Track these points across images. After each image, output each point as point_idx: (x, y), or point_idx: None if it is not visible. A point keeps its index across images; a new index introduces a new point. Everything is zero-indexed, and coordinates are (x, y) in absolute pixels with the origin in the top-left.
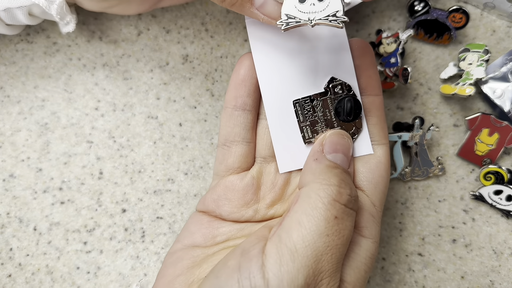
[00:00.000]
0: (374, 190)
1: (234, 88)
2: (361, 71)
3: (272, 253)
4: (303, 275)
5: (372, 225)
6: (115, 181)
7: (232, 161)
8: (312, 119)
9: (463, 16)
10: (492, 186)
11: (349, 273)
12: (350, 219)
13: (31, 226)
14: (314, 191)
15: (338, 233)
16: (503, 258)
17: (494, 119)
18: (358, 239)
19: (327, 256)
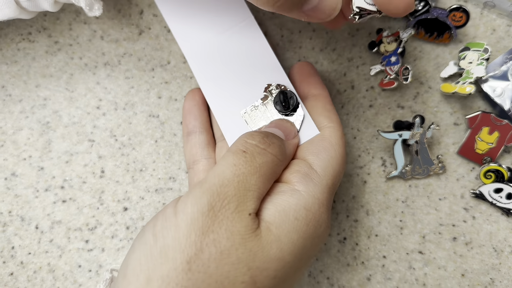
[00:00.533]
0: (315, 159)
1: (184, 119)
2: (302, 79)
3: (188, 191)
4: (206, 196)
5: (307, 182)
6: (117, 180)
7: (197, 178)
8: (261, 122)
9: (463, 15)
10: (493, 184)
11: (272, 214)
12: (261, 156)
13: (33, 224)
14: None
15: (245, 163)
16: (504, 256)
17: (494, 117)
18: (288, 189)
19: (234, 182)
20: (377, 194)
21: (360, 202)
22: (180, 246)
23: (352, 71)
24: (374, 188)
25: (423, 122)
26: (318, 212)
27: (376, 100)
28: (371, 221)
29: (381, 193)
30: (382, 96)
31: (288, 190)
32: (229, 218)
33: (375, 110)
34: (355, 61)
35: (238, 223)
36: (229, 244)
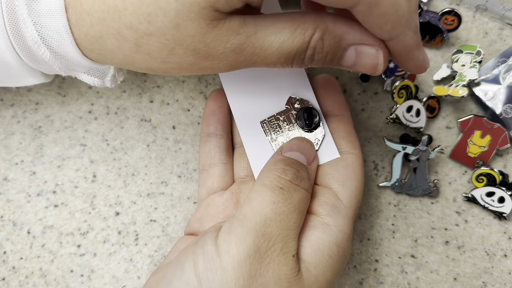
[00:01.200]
0: (341, 188)
1: (205, 119)
2: (326, 96)
3: (225, 226)
4: (251, 237)
5: (336, 215)
6: (109, 184)
7: (211, 182)
8: (280, 135)
9: (455, 18)
10: (485, 188)
11: (309, 253)
12: (297, 193)
13: (24, 229)
14: (262, 175)
15: (284, 201)
16: (496, 259)
17: (486, 121)
18: (319, 224)
19: (276, 221)
20: (369, 198)
21: None
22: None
23: (344, 75)
24: (366, 192)
25: (430, 142)
26: (347, 246)
27: (368, 104)
28: (363, 225)
29: (373, 197)
30: (374, 100)
31: (319, 225)
32: (275, 261)
33: (367, 113)
34: None
35: (284, 266)
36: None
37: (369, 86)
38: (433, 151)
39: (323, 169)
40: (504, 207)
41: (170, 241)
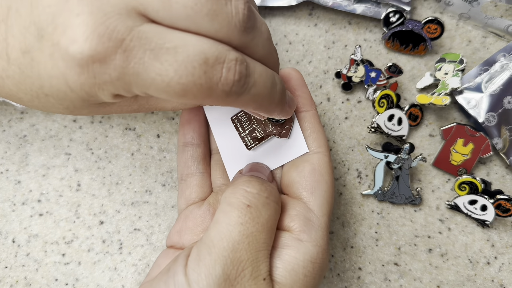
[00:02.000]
0: (310, 197)
1: (182, 128)
2: (291, 91)
3: (193, 253)
4: (220, 265)
5: (310, 229)
6: (93, 193)
7: (189, 192)
8: (250, 128)
9: (438, 27)
10: (467, 196)
11: (283, 274)
12: (266, 208)
13: (9, 238)
14: (228, 192)
15: (252, 221)
16: (479, 267)
17: (469, 129)
18: (293, 241)
19: (244, 244)
20: (353, 206)
21: (335, 213)
22: None
23: (328, 83)
24: (350, 200)
25: (412, 150)
26: (322, 260)
27: (352, 112)
28: (346, 232)
29: (357, 205)
30: (357, 108)
31: (293, 243)
32: (245, 287)
33: (351, 122)
34: (331, 74)
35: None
36: None
37: (353, 95)
38: (415, 159)
39: (289, 177)
40: (487, 215)
41: (154, 250)
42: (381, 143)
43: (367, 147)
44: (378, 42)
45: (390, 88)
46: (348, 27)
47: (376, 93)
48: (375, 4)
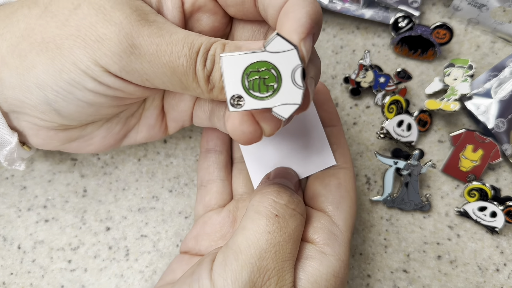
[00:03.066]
0: (335, 211)
1: (205, 135)
2: (318, 105)
3: (219, 257)
4: (247, 272)
5: (334, 242)
6: (99, 199)
7: (209, 198)
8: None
9: (447, 32)
10: (477, 202)
11: (305, 286)
12: (293, 219)
13: (15, 244)
14: (256, 199)
15: (279, 230)
16: (488, 274)
17: (478, 135)
18: (317, 254)
19: (271, 253)
20: (362, 212)
21: None
22: None
23: (336, 88)
24: (359, 206)
25: (422, 156)
26: (344, 275)
27: (360, 118)
28: (355, 239)
29: (366, 211)
30: (366, 114)
31: (316, 255)
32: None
33: (359, 127)
34: (339, 79)
35: None
36: None
37: (361, 100)
38: (424, 165)
39: (314, 190)
40: (496, 221)
41: (161, 257)
42: (389, 149)
43: (376, 153)
44: (386, 47)
45: (399, 94)
46: (356, 32)
47: (385, 98)
48: (384, 9)
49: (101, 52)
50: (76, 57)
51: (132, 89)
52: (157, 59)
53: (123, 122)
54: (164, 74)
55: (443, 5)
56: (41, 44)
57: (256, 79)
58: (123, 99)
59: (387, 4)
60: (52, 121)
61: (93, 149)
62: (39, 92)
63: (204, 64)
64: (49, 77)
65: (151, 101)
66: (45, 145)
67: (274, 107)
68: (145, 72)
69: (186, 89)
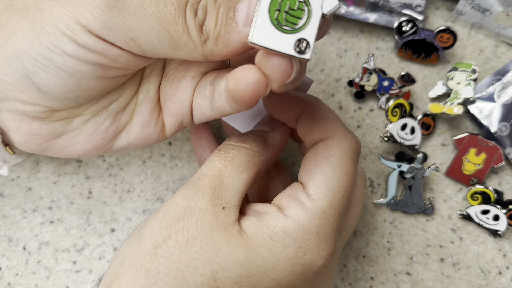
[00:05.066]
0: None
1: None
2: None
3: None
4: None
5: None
6: (104, 201)
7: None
8: None
9: (450, 36)
10: (479, 205)
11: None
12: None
13: (20, 245)
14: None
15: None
16: (491, 277)
17: (481, 139)
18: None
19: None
20: (365, 215)
21: None
22: (152, 233)
23: (340, 91)
24: (362, 209)
25: (425, 160)
26: (301, 238)
27: (364, 121)
28: (359, 242)
29: (369, 214)
30: (369, 117)
31: (274, 212)
32: (201, 209)
33: (363, 130)
34: (343, 82)
35: (209, 214)
36: (196, 233)
37: (365, 103)
38: (428, 169)
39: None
40: (499, 224)
41: None
42: (393, 152)
43: (380, 156)
44: (390, 50)
45: (402, 97)
46: (360, 36)
47: (389, 102)
48: (388, 13)
49: (82, 8)
50: (56, 17)
51: (115, 53)
52: (142, 10)
53: (113, 117)
54: (151, 27)
55: (446, 9)
56: (22, 10)
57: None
58: (106, 68)
59: (391, 8)
60: (33, 103)
61: (79, 148)
62: (18, 63)
63: (195, 13)
64: (28, 44)
65: (145, 93)
66: (27, 142)
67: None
68: (129, 28)
69: (176, 46)
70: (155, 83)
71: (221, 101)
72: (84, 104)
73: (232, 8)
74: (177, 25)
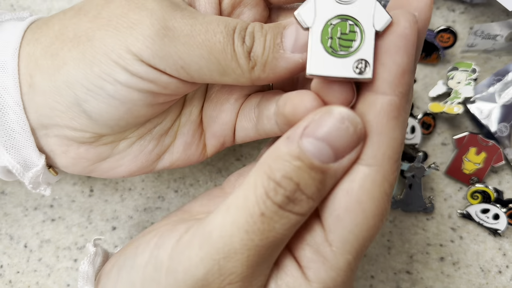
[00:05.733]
0: (334, 226)
1: None
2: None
3: (189, 232)
4: (204, 267)
5: (318, 266)
6: (106, 199)
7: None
8: None
9: (450, 35)
10: (479, 205)
11: None
12: (283, 222)
13: (21, 243)
14: (255, 177)
15: (260, 233)
16: (491, 276)
17: (482, 138)
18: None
19: (242, 256)
20: None
21: None
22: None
23: None
24: None
25: (425, 159)
26: None
27: None
28: None
29: None
30: None
31: (294, 274)
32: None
33: None
34: None
35: None
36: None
37: None
38: (428, 168)
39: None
40: (499, 223)
41: None
42: None
43: None
44: None
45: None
46: None
47: None
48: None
49: (133, 38)
50: (107, 46)
51: (166, 81)
52: (192, 39)
53: (157, 139)
54: (201, 56)
55: (447, 9)
56: (73, 40)
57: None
58: (157, 95)
59: None
60: (83, 129)
61: (124, 170)
62: (69, 91)
63: (243, 40)
64: (80, 72)
65: (188, 115)
66: (74, 165)
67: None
68: (179, 56)
69: (225, 73)
70: (197, 106)
71: (270, 124)
72: (130, 128)
73: (279, 34)
74: (226, 53)
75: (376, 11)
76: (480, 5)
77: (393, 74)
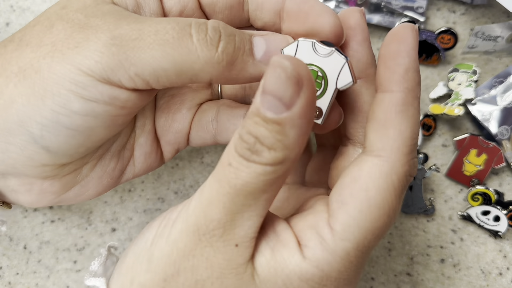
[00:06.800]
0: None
1: None
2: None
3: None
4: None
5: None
6: (105, 200)
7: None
8: None
9: (451, 37)
10: (480, 206)
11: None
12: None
13: (21, 244)
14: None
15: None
16: (491, 278)
17: (482, 140)
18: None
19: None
20: None
21: None
22: (162, 261)
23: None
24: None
25: (426, 160)
26: (319, 285)
27: None
28: None
29: None
30: None
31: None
32: (212, 246)
33: None
34: None
35: (220, 254)
36: (206, 275)
37: None
38: (428, 169)
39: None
40: (499, 225)
41: None
42: None
43: None
44: None
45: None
46: None
47: None
48: (389, 14)
49: (81, 56)
50: (57, 74)
51: (122, 97)
52: (141, 42)
53: (117, 156)
54: (152, 57)
55: (447, 11)
56: (18, 74)
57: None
58: (115, 117)
59: (392, 9)
60: (43, 164)
61: (92, 193)
62: (22, 130)
63: (205, 32)
64: (31, 109)
65: (142, 127)
66: (39, 201)
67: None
68: (130, 62)
69: (181, 71)
70: (149, 117)
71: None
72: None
73: (248, 41)
74: (181, 47)
75: (342, 71)
76: (481, 7)
77: (396, 73)
